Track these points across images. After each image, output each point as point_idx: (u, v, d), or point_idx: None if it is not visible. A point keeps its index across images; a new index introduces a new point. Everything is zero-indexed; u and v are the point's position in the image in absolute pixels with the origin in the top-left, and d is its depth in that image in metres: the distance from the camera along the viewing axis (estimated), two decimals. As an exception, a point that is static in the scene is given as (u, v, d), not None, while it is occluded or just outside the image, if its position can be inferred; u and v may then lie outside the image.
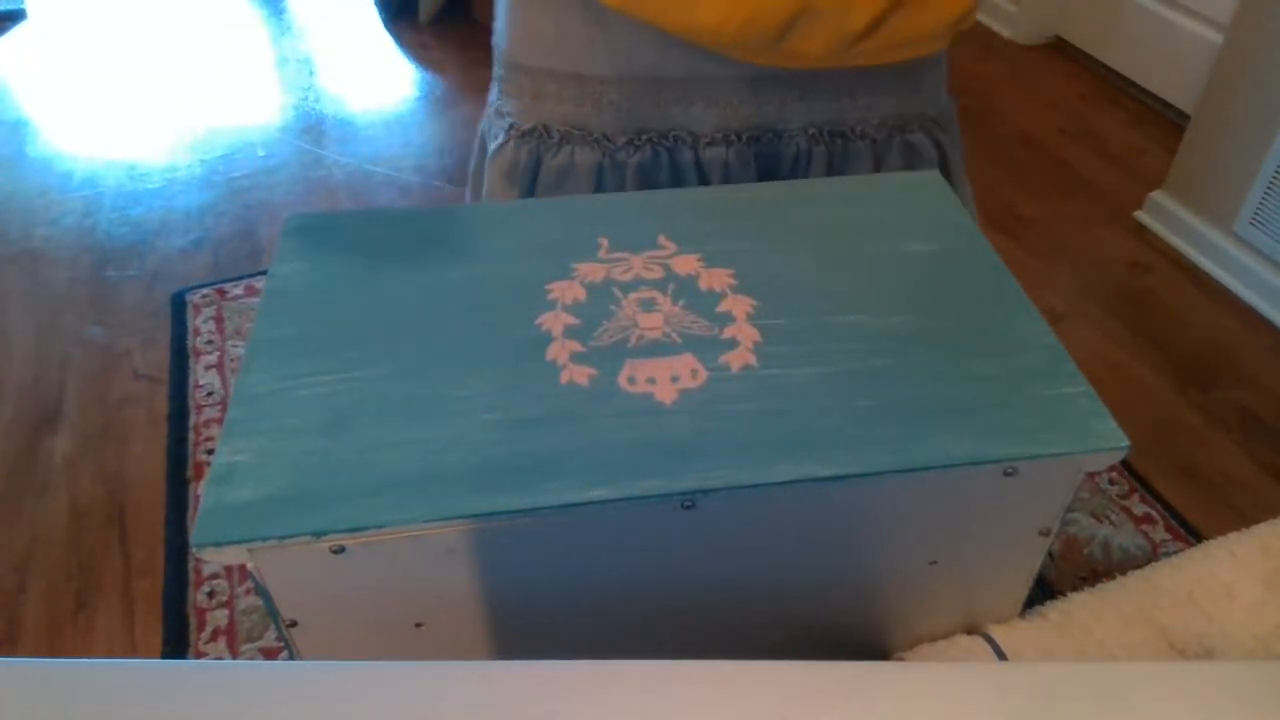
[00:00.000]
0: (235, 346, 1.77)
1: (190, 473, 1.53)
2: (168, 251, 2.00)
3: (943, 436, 0.44)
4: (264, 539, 0.39)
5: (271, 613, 0.43)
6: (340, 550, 0.40)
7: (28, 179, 2.22)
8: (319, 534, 0.40)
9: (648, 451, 0.43)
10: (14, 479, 1.51)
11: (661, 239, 0.55)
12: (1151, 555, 1.50)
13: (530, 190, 0.75)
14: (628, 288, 0.51)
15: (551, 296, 0.51)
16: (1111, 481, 1.58)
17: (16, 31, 2.86)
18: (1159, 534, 1.50)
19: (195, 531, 0.40)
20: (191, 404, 1.65)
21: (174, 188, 2.20)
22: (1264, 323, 1.91)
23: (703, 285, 0.52)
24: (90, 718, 0.35)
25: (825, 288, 0.52)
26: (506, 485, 0.41)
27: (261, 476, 0.41)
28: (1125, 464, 1.60)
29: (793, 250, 0.55)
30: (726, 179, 0.74)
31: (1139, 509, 1.54)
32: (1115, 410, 0.46)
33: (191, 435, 1.59)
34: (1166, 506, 1.54)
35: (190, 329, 1.81)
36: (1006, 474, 0.44)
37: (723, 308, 0.50)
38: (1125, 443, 0.44)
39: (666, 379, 0.46)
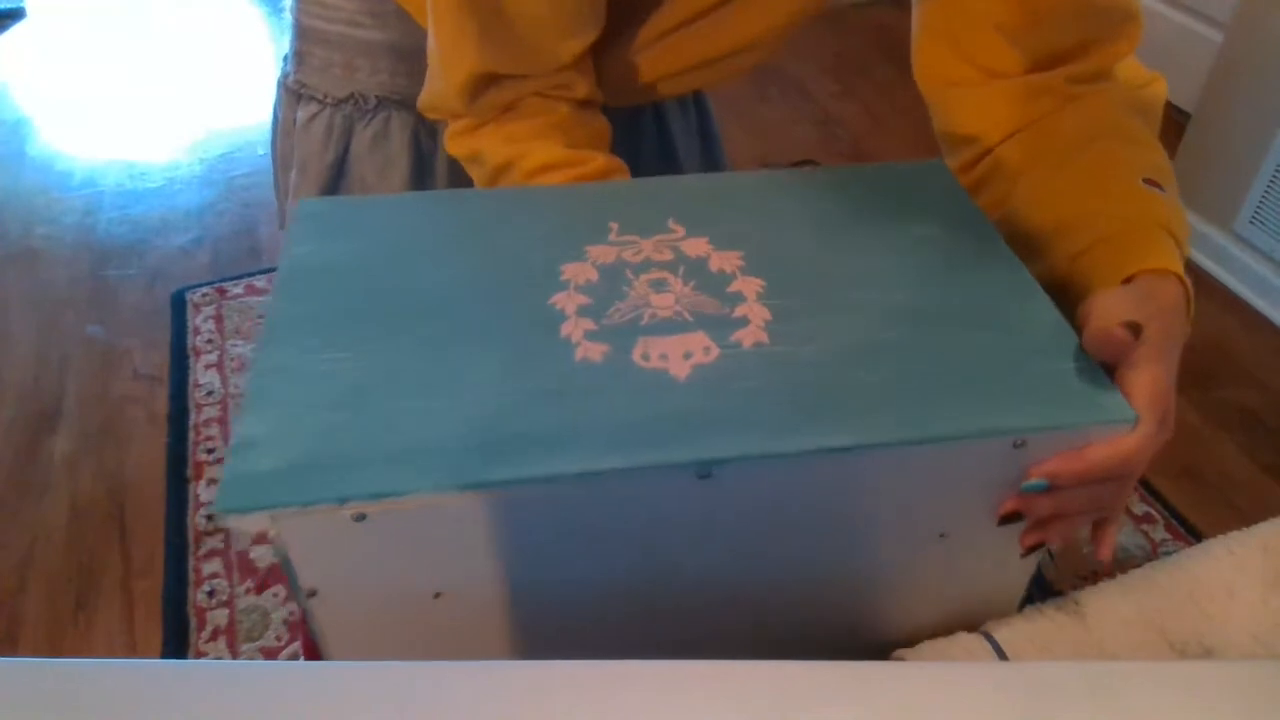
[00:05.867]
0: (235, 346, 1.77)
1: (190, 472, 1.53)
2: (168, 250, 2.00)
3: (954, 409, 0.44)
4: (287, 505, 0.39)
5: (293, 582, 0.43)
6: (361, 518, 0.40)
7: (28, 178, 2.22)
8: (341, 500, 0.40)
9: (663, 423, 0.43)
10: (14, 479, 1.51)
11: (671, 223, 0.56)
12: (1151, 555, 1.50)
13: (343, 159, 0.77)
14: (639, 269, 0.52)
15: (564, 277, 0.51)
16: (1111, 481, 1.59)
17: (16, 31, 2.86)
18: (1159, 533, 1.51)
19: (218, 498, 0.40)
20: (191, 403, 1.65)
21: (174, 187, 2.20)
22: (1264, 323, 1.91)
23: (713, 267, 0.52)
24: (90, 718, 0.35)
25: (833, 269, 0.53)
26: (524, 455, 0.41)
27: (282, 446, 0.41)
28: (1125, 463, 1.60)
29: (800, 234, 0.55)
30: None
31: (1139, 508, 1.54)
32: None
33: (191, 435, 1.59)
34: (1166, 506, 1.55)
35: (190, 328, 1.81)
36: (1016, 446, 0.44)
37: (733, 288, 0.51)
38: (1132, 415, 0.44)
39: (679, 355, 0.47)
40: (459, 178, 0.78)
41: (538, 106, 0.62)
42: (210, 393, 1.68)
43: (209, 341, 1.78)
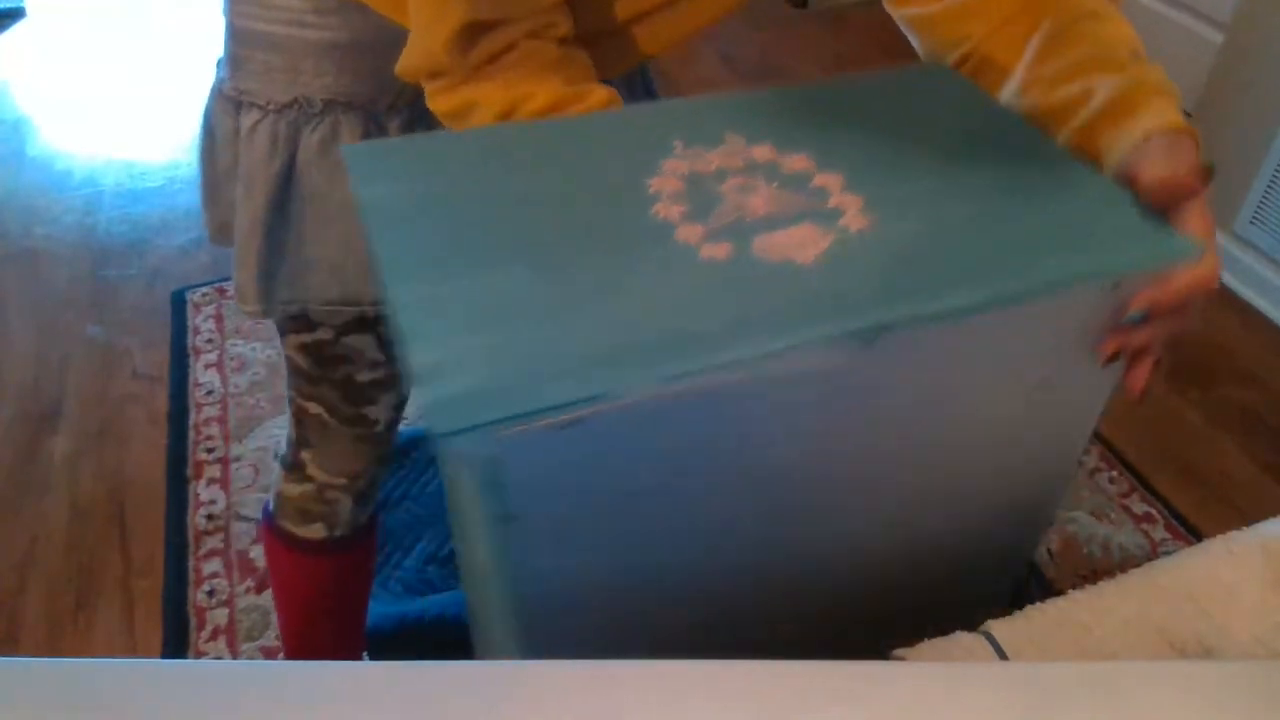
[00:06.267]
0: (235, 345, 1.77)
1: (190, 472, 1.53)
2: (168, 250, 2.00)
3: (1061, 261, 0.49)
4: (504, 420, 0.39)
5: (488, 513, 0.43)
6: (572, 424, 0.41)
7: (28, 178, 2.22)
8: (555, 408, 0.40)
9: (816, 301, 0.45)
10: (14, 479, 1.51)
11: (728, 135, 0.57)
12: (1151, 554, 1.50)
13: (290, 167, 0.74)
14: (718, 177, 0.54)
15: (652, 191, 0.53)
16: (1111, 480, 1.59)
17: (16, 30, 2.86)
18: (1159, 533, 1.51)
19: (435, 422, 0.39)
20: (191, 403, 1.65)
21: (174, 186, 2.20)
22: (1264, 322, 1.91)
23: (786, 169, 0.55)
24: (90, 718, 0.35)
25: (897, 160, 0.56)
26: (703, 346, 0.43)
27: (470, 368, 0.41)
28: (1125, 463, 1.60)
29: (853, 133, 0.58)
30: None
31: (1139, 508, 1.54)
32: (1115, 410, 0.48)
33: (191, 434, 1.59)
34: (1166, 505, 1.55)
35: (190, 328, 1.81)
36: (1113, 286, 0.50)
37: (815, 184, 0.53)
38: (1198, 249, 0.51)
39: (798, 244, 0.49)
40: None
41: (530, 49, 0.61)
42: (210, 392, 1.68)
43: (209, 341, 1.78)
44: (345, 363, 0.85)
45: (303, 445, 0.93)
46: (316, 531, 0.97)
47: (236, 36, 0.75)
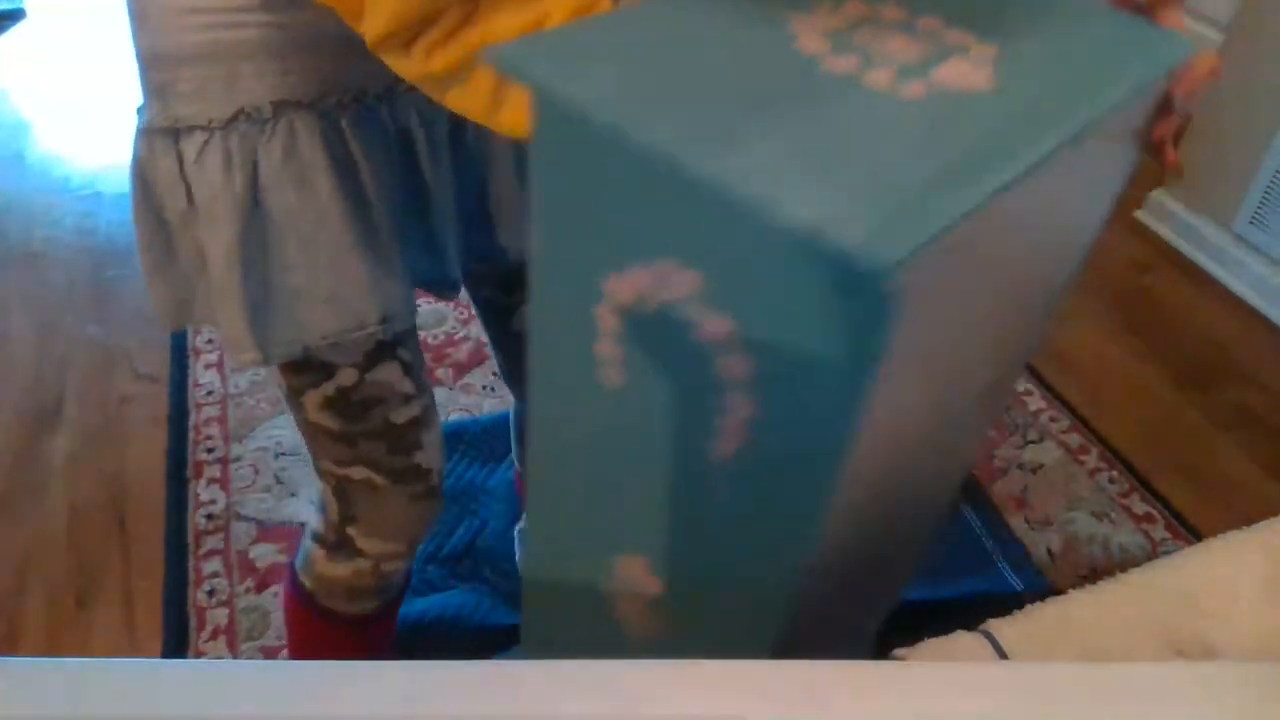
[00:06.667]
0: (235, 346, 1.77)
1: (190, 472, 1.53)
2: (168, 251, 2.00)
3: (1149, 57, 0.59)
4: (922, 245, 0.40)
5: (868, 353, 0.44)
6: (957, 245, 0.43)
7: (28, 180, 2.22)
8: (950, 226, 0.41)
9: (1029, 114, 0.49)
10: (14, 479, 1.51)
11: (816, 2, 0.59)
12: (1151, 554, 1.50)
13: (254, 187, 0.69)
14: (847, 34, 0.56)
15: (806, 54, 0.54)
16: (1112, 480, 1.59)
17: (16, 31, 2.86)
18: (1159, 533, 1.51)
19: (874, 254, 0.39)
20: (191, 403, 1.65)
21: (174, 188, 2.20)
22: (1264, 322, 1.91)
23: (888, 19, 0.58)
24: (90, 718, 0.35)
25: (961, 6, 0.60)
26: (989, 165, 0.45)
27: (852, 213, 0.42)
28: (1125, 463, 1.60)
29: None
30: (427, 125, 0.76)
31: (1139, 508, 1.54)
32: (1115, 410, 0.49)
33: (191, 435, 1.59)
34: (1166, 505, 1.54)
35: (190, 329, 1.81)
36: (1166, 79, 0.61)
37: (923, 27, 0.57)
38: (1197, 44, 0.61)
39: (968, 75, 0.52)
40: (384, 169, 0.73)
41: None
42: (210, 392, 1.68)
43: (209, 341, 1.78)
44: (378, 405, 0.78)
45: (348, 521, 0.84)
46: (368, 607, 0.89)
47: (159, 62, 0.68)
